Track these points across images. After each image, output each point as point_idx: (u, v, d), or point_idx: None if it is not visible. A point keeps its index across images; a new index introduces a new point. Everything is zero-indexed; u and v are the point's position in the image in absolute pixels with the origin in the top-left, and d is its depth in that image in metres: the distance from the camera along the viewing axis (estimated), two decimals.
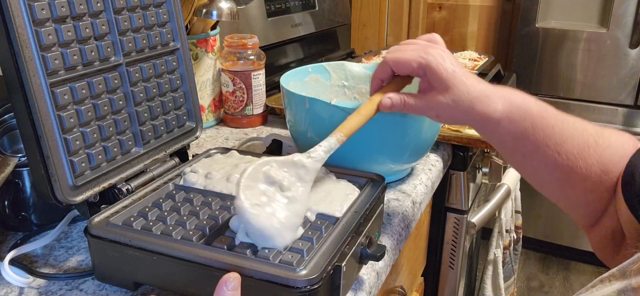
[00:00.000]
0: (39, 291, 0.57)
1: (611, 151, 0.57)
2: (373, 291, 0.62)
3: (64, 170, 0.58)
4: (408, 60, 0.58)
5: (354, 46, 1.98)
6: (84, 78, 0.61)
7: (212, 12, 0.98)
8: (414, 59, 0.58)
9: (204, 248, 0.51)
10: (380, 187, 0.63)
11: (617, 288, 0.41)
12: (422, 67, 0.58)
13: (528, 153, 0.60)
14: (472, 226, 1.11)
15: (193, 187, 0.63)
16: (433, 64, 0.57)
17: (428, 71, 0.58)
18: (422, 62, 0.57)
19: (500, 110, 0.58)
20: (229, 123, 1.09)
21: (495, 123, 0.59)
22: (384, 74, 0.62)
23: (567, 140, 0.58)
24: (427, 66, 0.57)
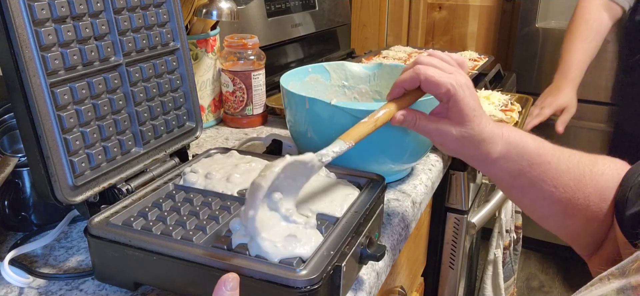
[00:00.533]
0: (39, 291, 0.57)
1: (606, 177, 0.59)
2: (373, 291, 0.62)
3: (64, 170, 0.58)
4: (440, 83, 0.56)
5: (354, 46, 1.98)
6: (84, 78, 0.61)
7: (212, 12, 0.98)
8: (444, 85, 0.56)
9: (204, 248, 0.51)
10: (380, 187, 0.63)
11: (616, 286, 0.41)
12: (449, 95, 0.57)
13: (525, 189, 0.61)
14: (472, 227, 1.12)
15: (193, 187, 0.63)
16: (459, 96, 0.56)
17: (452, 102, 0.57)
18: (451, 91, 0.56)
19: (498, 150, 0.59)
20: (229, 123, 1.09)
21: (493, 162, 0.60)
22: (411, 85, 0.59)
23: (563, 174, 0.59)
24: (454, 96, 0.57)
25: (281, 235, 0.50)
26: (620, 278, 0.42)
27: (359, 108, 0.70)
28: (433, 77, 0.57)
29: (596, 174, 0.59)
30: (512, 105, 1.11)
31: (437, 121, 0.59)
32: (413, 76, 0.58)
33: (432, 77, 0.57)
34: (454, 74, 0.57)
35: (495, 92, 1.18)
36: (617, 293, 0.40)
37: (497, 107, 1.08)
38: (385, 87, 0.93)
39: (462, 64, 0.61)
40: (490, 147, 0.59)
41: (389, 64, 0.93)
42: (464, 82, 0.57)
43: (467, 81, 0.58)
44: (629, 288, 0.40)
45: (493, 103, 1.10)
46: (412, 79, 0.58)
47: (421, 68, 0.58)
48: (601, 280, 0.44)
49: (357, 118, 0.70)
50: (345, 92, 0.93)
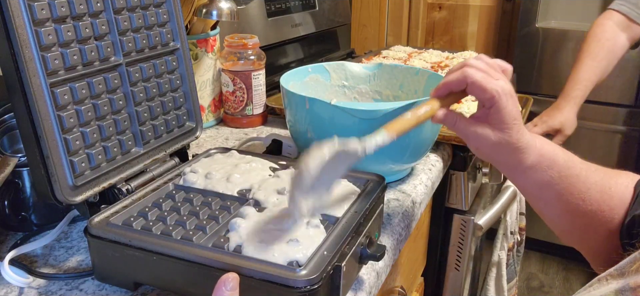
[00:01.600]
0: (39, 291, 0.57)
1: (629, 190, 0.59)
2: (373, 291, 0.62)
3: (64, 170, 0.58)
4: (487, 90, 0.57)
5: (354, 46, 1.98)
6: (84, 78, 0.61)
7: (212, 12, 0.98)
8: (490, 91, 0.57)
9: (204, 248, 0.51)
10: (380, 187, 0.63)
11: (615, 287, 0.41)
12: (493, 102, 0.57)
13: (551, 201, 0.61)
14: (479, 228, 1.11)
15: (193, 187, 0.63)
16: (503, 104, 0.57)
17: (495, 108, 0.57)
18: (495, 98, 0.57)
19: (531, 160, 0.59)
20: (229, 123, 1.09)
21: (523, 171, 0.60)
22: (457, 87, 0.59)
23: (591, 187, 0.59)
24: (497, 103, 0.57)
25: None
26: (619, 278, 0.42)
27: (359, 108, 0.70)
28: (480, 81, 0.57)
29: (621, 186, 0.60)
30: None
31: (476, 125, 0.60)
32: (460, 78, 0.58)
33: (479, 82, 0.57)
34: (500, 81, 0.58)
35: None
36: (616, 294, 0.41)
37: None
38: (385, 87, 0.93)
39: (507, 71, 0.61)
40: (524, 156, 0.59)
41: (389, 64, 0.93)
42: (509, 90, 0.58)
43: (511, 89, 0.58)
44: (628, 289, 0.40)
45: None
46: (459, 81, 0.59)
47: (469, 71, 0.58)
48: (600, 280, 0.44)
49: (357, 118, 0.70)
50: (345, 92, 0.93)
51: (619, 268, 0.43)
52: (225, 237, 0.52)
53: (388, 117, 0.67)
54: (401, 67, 0.92)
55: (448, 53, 1.56)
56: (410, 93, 0.90)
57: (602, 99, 2.04)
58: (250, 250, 0.49)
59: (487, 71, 0.58)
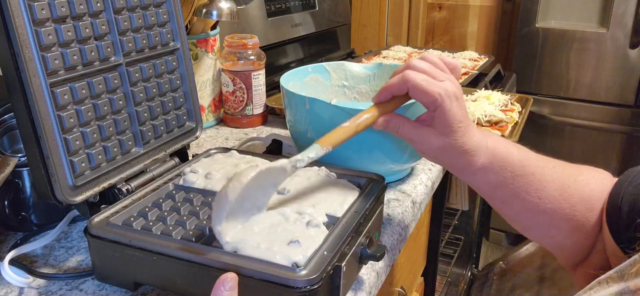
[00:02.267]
0: (39, 291, 0.57)
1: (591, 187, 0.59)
2: (373, 291, 0.62)
3: (64, 170, 0.58)
4: (428, 92, 0.55)
5: (354, 46, 1.98)
6: (84, 78, 0.61)
7: (212, 12, 0.98)
8: (432, 94, 0.55)
9: (204, 248, 0.51)
10: (380, 187, 0.63)
11: (615, 290, 0.41)
12: (436, 105, 0.55)
13: (507, 200, 0.60)
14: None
15: (193, 187, 0.63)
16: (446, 107, 0.55)
17: (438, 112, 0.56)
18: (438, 101, 0.55)
19: (481, 161, 0.58)
20: (229, 123, 1.09)
21: (473, 173, 0.59)
22: (398, 91, 0.58)
23: (547, 184, 0.58)
24: (440, 106, 0.55)
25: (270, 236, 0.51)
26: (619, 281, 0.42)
27: (359, 108, 0.70)
28: (421, 85, 0.55)
29: (581, 183, 0.59)
30: (512, 105, 1.11)
31: (420, 128, 0.58)
32: (401, 82, 0.57)
33: (419, 85, 0.55)
34: (445, 81, 0.56)
35: (495, 92, 1.18)
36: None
37: (497, 107, 1.08)
38: None
39: (455, 69, 0.60)
40: (472, 158, 0.58)
41: (389, 64, 0.93)
42: (453, 92, 0.56)
43: (456, 90, 0.56)
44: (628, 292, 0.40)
45: (493, 103, 1.10)
46: (399, 85, 0.57)
47: (410, 74, 0.56)
48: (600, 283, 0.44)
49: None
50: (345, 92, 0.93)
51: (619, 271, 0.43)
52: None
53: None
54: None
55: (448, 53, 1.56)
56: None
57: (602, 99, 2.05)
58: (250, 250, 0.49)
59: (431, 72, 0.56)
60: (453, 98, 0.55)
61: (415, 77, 0.56)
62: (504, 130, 1.01)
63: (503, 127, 1.02)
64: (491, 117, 1.04)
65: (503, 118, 1.04)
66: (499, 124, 1.03)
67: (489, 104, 1.09)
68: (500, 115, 1.05)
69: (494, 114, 1.05)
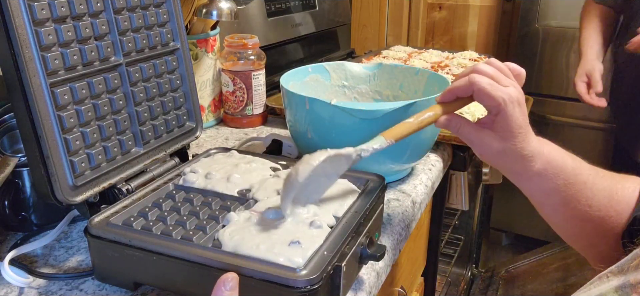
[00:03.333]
0: (39, 291, 0.57)
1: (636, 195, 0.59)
2: (373, 291, 0.62)
3: (64, 170, 0.58)
4: (493, 97, 0.56)
5: (354, 46, 1.98)
6: (84, 78, 0.61)
7: (212, 12, 0.98)
8: (496, 99, 0.56)
9: (204, 248, 0.51)
10: (380, 187, 0.63)
11: (615, 284, 0.41)
12: (499, 109, 0.56)
13: (557, 207, 0.61)
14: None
15: (193, 187, 0.63)
16: (508, 112, 0.56)
17: (501, 116, 0.57)
18: (502, 106, 0.56)
19: (537, 167, 0.59)
20: (229, 123, 1.09)
21: (528, 178, 0.60)
22: (464, 93, 0.59)
23: (598, 193, 0.59)
24: (503, 111, 0.56)
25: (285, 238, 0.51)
26: (619, 275, 0.42)
27: (359, 108, 0.70)
28: (486, 89, 0.56)
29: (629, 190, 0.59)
30: None
31: (481, 131, 0.59)
32: (467, 84, 0.58)
33: (485, 89, 0.56)
34: (509, 87, 0.57)
35: None
36: (616, 291, 0.41)
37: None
38: (385, 87, 0.93)
39: (519, 75, 0.61)
40: (529, 164, 0.59)
41: (389, 64, 0.93)
42: (516, 98, 0.57)
43: (519, 96, 0.58)
44: (628, 286, 0.40)
45: None
46: (465, 87, 0.58)
47: (476, 77, 0.57)
48: (600, 278, 0.44)
49: (357, 118, 0.70)
50: (345, 92, 0.93)
51: (619, 266, 0.43)
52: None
53: (388, 117, 0.68)
54: (401, 67, 0.92)
55: (448, 53, 1.56)
56: (410, 93, 0.90)
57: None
58: (250, 250, 0.49)
59: (496, 77, 0.58)
60: (516, 104, 0.57)
61: (481, 80, 0.57)
62: None
63: None
64: None
65: None
66: None
67: None
68: None
69: None
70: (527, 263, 2.07)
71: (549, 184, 0.59)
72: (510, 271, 2.05)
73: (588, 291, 0.44)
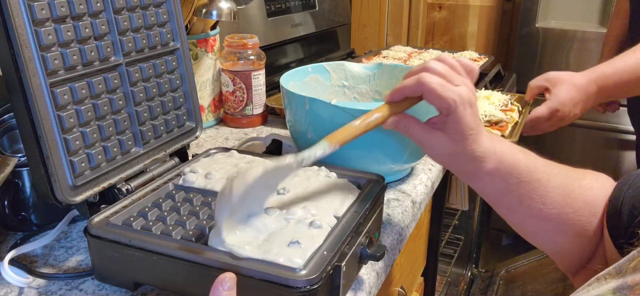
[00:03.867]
0: (39, 291, 0.57)
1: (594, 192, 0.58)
2: (373, 291, 0.62)
3: (64, 170, 0.58)
4: (443, 98, 0.54)
5: (354, 46, 1.98)
6: (83, 79, 0.61)
7: (212, 12, 0.98)
8: (446, 99, 0.54)
9: (204, 248, 0.51)
10: (380, 187, 0.63)
11: (613, 286, 0.41)
12: (449, 111, 0.55)
13: (513, 207, 0.60)
14: None
15: (193, 186, 0.63)
16: (459, 114, 0.55)
17: (451, 118, 0.55)
18: (452, 107, 0.54)
19: (488, 168, 0.58)
20: (229, 123, 1.09)
21: (480, 178, 0.59)
22: (412, 93, 0.57)
23: (552, 190, 0.58)
24: (454, 113, 0.55)
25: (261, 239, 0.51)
26: (617, 277, 0.42)
27: (359, 108, 0.70)
28: (435, 89, 0.54)
29: (585, 188, 0.58)
30: (512, 105, 1.11)
31: (430, 132, 0.58)
32: (415, 84, 0.56)
33: (434, 90, 0.54)
34: (461, 86, 0.55)
35: (496, 92, 1.18)
36: (614, 293, 0.41)
37: (497, 107, 1.08)
38: (385, 87, 0.93)
39: (471, 71, 0.59)
40: (480, 164, 0.58)
41: (389, 64, 0.93)
42: (468, 98, 0.55)
43: (471, 96, 0.56)
44: (626, 287, 0.40)
45: (493, 103, 1.10)
46: (414, 87, 0.56)
47: (426, 77, 0.55)
48: (598, 279, 0.44)
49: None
50: (345, 92, 0.93)
51: (617, 267, 0.43)
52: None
53: None
54: (401, 67, 0.92)
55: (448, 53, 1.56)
56: None
57: None
58: (250, 250, 0.49)
59: (447, 75, 0.56)
60: (467, 105, 0.55)
61: (431, 80, 0.55)
62: (504, 130, 1.01)
63: (503, 127, 1.02)
64: (491, 117, 1.04)
65: (503, 118, 1.04)
66: (499, 124, 1.03)
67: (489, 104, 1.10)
68: (500, 115, 1.05)
69: (494, 114, 1.05)
70: (527, 263, 2.07)
71: (501, 184, 0.58)
72: (510, 271, 2.05)
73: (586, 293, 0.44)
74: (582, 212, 0.58)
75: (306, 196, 0.59)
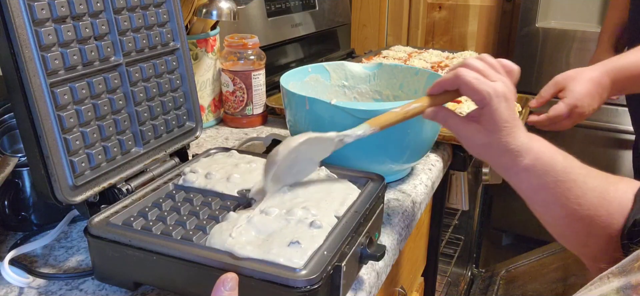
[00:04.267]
0: (39, 291, 0.57)
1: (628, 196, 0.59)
2: (373, 291, 0.62)
3: (64, 170, 0.58)
4: (478, 91, 0.57)
5: (354, 46, 1.98)
6: (83, 78, 0.61)
7: (212, 12, 0.98)
8: (481, 92, 0.57)
9: (204, 248, 0.51)
10: (380, 187, 0.63)
11: (617, 285, 0.41)
12: (484, 103, 0.58)
13: (547, 205, 0.61)
14: None
15: (193, 186, 0.63)
16: (493, 107, 0.57)
17: (486, 110, 0.58)
18: (486, 99, 0.57)
19: (524, 163, 0.59)
20: (229, 123, 1.09)
21: (515, 173, 0.60)
22: (450, 86, 0.60)
23: (588, 192, 0.59)
24: (488, 105, 0.57)
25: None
26: (620, 276, 0.42)
27: (359, 108, 0.70)
28: (471, 82, 0.57)
29: (621, 192, 0.59)
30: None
31: (467, 124, 0.60)
32: (454, 78, 0.59)
33: (470, 83, 0.57)
34: (497, 81, 0.58)
35: None
36: (617, 292, 0.40)
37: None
38: (385, 87, 0.93)
39: (511, 72, 0.62)
40: (516, 159, 0.59)
41: (389, 64, 0.93)
42: (503, 92, 0.58)
43: (506, 91, 0.58)
44: (629, 287, 0.40)
45: None
46: (452, 81, 0.59)
47: (463, 71, 0.58)
48: (601, 279, 0.44)
49: (357, 118, 0.70)
50: (345, 92, 0.93)
51: (620, 267, 0.43)
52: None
53: None
54: (401, 67, 0.92)
55: (448, 53, 1.56)
56: (410, 93, 0.90)
57: None
58: (250, 250, 0.49)
59: (484, 71, 0.59)
60: (501, 99, 0.57)
61: (467, 74, 0.58)
62: None
63: None
64: None
65: None
66: None
67: None
68: None
69: None
70: (527, 263, 2.07)
71: (537, 180, 0.60)
72: (510, 271, 2.05)
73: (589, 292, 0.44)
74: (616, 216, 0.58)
75: (306, 196, 0.59)
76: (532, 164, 0.59)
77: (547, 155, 0.60)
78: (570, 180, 0.59)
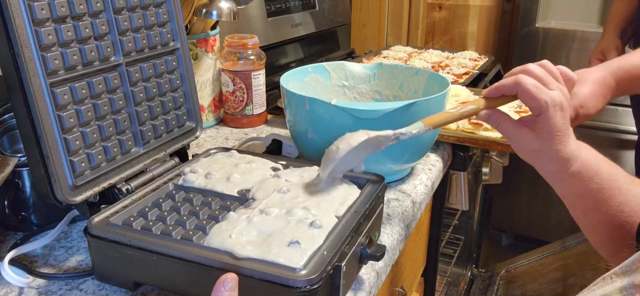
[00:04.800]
0: (39, 291, 0.57)
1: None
2: (373, 291, 0.62)
3: (64, 170, 0.58)
4: (536, 99, 0.58)
5: (354, 46, 1.98)
6: (83, 78, 0.61)
7: (212, 12, 0.98)
8: (539, 100, 0.58)
9: (204, 248, 0.51)
10: (380, 187, 0.63)
11: (620, 285, 0.41)
12: (540, 111, 0.58)
13: (588, 211, 0.62)
14: None
15: (193, 186, 0.63)
16: (549, 115, 0.58)
17: (541, 118, 0.58)
18: (543, 108, 0.58)
19: (571, 170, 0.60)
20: (229, 123, 1.09)
21: (561, 180, 0.61)
22: (509, 91, 0.61)
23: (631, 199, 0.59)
24: (544, 114, 0.58)
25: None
26: (623, 276, 0.42)
27: (359, 108, 0.70)
28: (530, 90, 0.58)
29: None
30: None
31: (519, 128, 0.61)
32: (513, 83, 0.59)
33: (529, 91, 0.58)
34: (555, 90, 0.58)
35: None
36: (620, 292, 0.40)
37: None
38: (385, 87, 0.93)
39: (570, 80, 0.62)
40: (564, 165, 0.60)
41: (389, 64, 0.93)
42: (559, 102, 0.58)
43: (563, 100, 0.59)
44: (632, 287, 0.40)
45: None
46: (511, 86, 0.60)
47: (523, 78, 0.59)
48: (604, 279, 0.44)
49: (357, 118, 0.70)
50: (345, 92, 0.93)
51: (624, 267, 0.43)
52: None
53: (388, 117, 0.68)
54: (401, 67, 0.92)
55: (448, 53, 1.56)
56: (410, 93, 0.90)
57: None
58: (250, 250, 0.49)
59: (544, 79, 0.59)
60: (557, 108, 0.58)
61: (527, 81, 0.58)
62: None
63: None
64: None
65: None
66: None
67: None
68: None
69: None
70: (527, 263, 2.07)
71: (582, 187, 0.60)
72: (510, 271, 2.05)
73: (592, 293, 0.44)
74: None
75: (307, 196, 0.59)
76: (578, 171, 0.60)
77: (594, 162, 0.60)
78: (614, 187, 0.60)
